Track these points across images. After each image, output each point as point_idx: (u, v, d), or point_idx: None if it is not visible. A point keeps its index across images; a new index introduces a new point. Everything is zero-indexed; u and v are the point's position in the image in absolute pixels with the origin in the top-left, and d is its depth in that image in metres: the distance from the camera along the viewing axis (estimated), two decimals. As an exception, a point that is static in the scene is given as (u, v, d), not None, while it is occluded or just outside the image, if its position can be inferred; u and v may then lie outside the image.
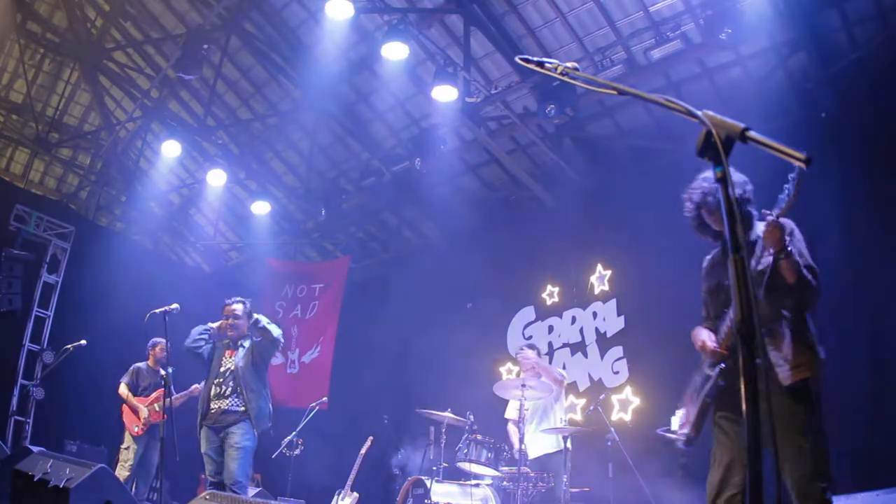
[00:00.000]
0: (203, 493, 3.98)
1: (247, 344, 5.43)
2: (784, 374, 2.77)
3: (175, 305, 5.17)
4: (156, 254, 12.23)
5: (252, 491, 7.51)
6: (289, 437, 7.37)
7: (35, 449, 4.97)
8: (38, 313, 9.19)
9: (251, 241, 11.58)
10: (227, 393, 5.23)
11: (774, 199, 3.25)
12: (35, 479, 4.07)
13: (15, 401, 8.61)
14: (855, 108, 6.29)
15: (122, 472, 6.66)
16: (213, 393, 5.25)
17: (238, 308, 5.47)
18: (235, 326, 5.42)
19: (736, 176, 3.03)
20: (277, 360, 10.56)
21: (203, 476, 8.66)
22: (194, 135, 9.69)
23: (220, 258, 12.97)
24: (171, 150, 9.23)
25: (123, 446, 6.91)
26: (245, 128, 10.42)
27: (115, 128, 10.90)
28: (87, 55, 9.39)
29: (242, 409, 5.14)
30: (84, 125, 11.59)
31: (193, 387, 7.25)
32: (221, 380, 5.29)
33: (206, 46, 7.89)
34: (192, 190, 11.65)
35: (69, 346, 7.97)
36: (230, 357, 5.36)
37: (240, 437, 5.08)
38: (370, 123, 9.38)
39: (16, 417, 8.56)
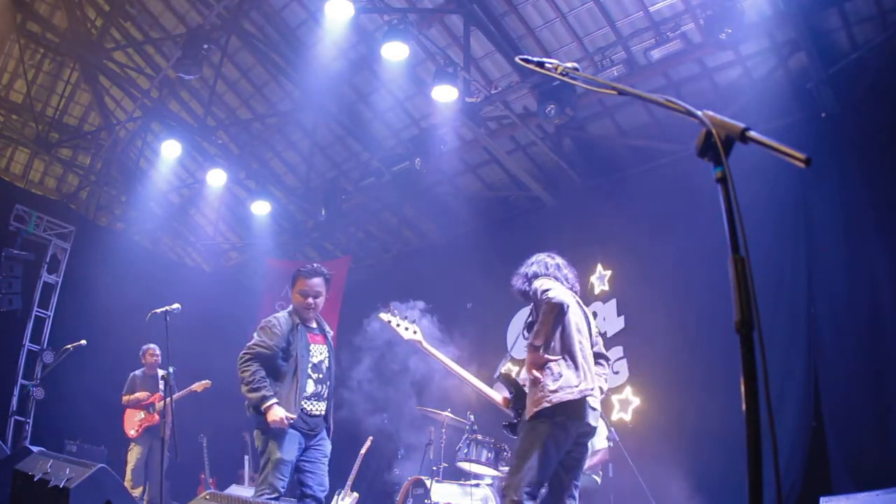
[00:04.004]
0: (203, 493, 3.97)
1: (329, 335, 4.45)
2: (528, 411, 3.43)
3: (176, 305, 5.17)
4: (156, 254, 12.23)
5: (252, 491, 7.51)
6: (289, 437, 7.36)
7: (35, 449, 4.97)
8: (38, 313, 9.19)
9: (251, 241, 11.58)
10: (326, 395, 4.25)
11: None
12: (35, 479, 4.08)
13: (15, 401, 8.60)
14: (855, 108, 6.29)
15: (127, 474, 6.90)
16: (311, 391, 4.09)
17: (321, 284, 4.29)
18: (318, 306, 4.29)
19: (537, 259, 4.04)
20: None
21: (203, 476, 8.71)
22: (194, 135, 9.68)
23: (220, 258, 12.98)
24: (171, 150, 9.23)
25: (128, 449, 7.14)
26: (245, 128, 10.43)
27: (115, 128, 10.90)
28: (86, 55, 9.39)
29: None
30: (84, 125, 11.59)
31: (194, 385, 7.32)
32: (321, 376, 4.20)
33: (206, 46, 7.88)
34: (192, 190, 11.65)
35: (69, 346, 7.98)
36: (319, 346, 4.27)
37: (329, 447, 4.30)
38: (370, 123, 9.38)
39: (16, 417, 8.56)
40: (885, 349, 5.53)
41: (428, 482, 5.77)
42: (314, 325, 4.35)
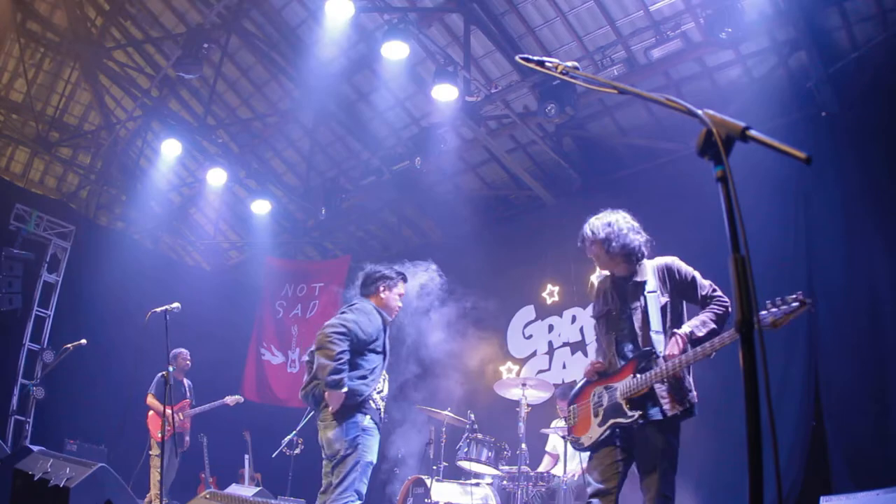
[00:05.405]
0: (203, 493, 3.98)
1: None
2: (665, 406, 3.18)
3: (176, 304, 5.16)
4: (156, 253, 12.23)
5: (252, 490, 7.53)
6: (289, 437, 7.35)
7: (35, 448, 4.97)
8: (38, 313, 9.19)
9: (251, 241, 11.59)
10: (385, 394, 4.23)
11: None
12: (35, 479, 4.08)
13: (15, 400, 8.61)
14: (855, 107, 6.29)
15: (156, 475, 6.88)
16: (386, 391, 4.14)
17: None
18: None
19: (610, 218, 3.54)
20: (278, 358, 10.57)
21: (203, 475, 8.71)
22: (194, 134, 9.68)
23: (221, 257, 12.98)
24: (171, 149, 9.22)
25: (154, 453, 7.09)
26: (245, 127, 10.42)
27: (116, 127, 10.90)
28: (87, 54, 9.39)
29: None
30: (84, 124, 11.58)
31: (227, 398, 7.41)
32: (387, 377, 4.21)
33: (206, 45, 7.88)
34: (192, 189, 11.65)
35: (69, 345, 7.98)
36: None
37: None
38: (370, 122, 9.38)
39: (16, 417, 8.56)
40: (885, 349, 5.53)
41: (428, 481, 5.77)
42: None
